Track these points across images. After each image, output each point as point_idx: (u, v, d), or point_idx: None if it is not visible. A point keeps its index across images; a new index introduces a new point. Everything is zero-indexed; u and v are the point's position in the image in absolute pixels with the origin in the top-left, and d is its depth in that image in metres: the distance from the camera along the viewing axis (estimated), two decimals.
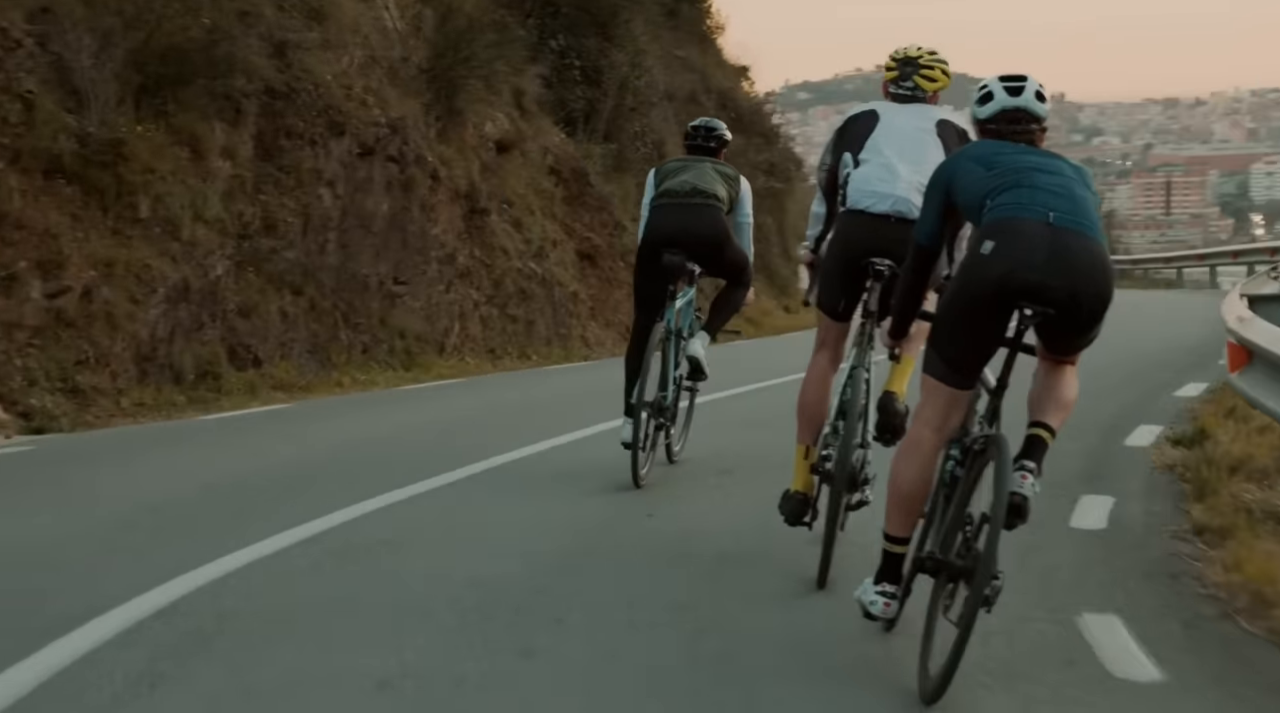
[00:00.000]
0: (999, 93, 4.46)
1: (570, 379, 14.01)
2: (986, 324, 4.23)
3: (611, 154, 19.37)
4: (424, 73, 15.75)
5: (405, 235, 14.75)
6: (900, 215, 5.24)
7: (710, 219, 7.17)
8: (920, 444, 4.41)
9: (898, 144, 5.38)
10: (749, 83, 31.49)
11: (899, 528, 4.43)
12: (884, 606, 4.44)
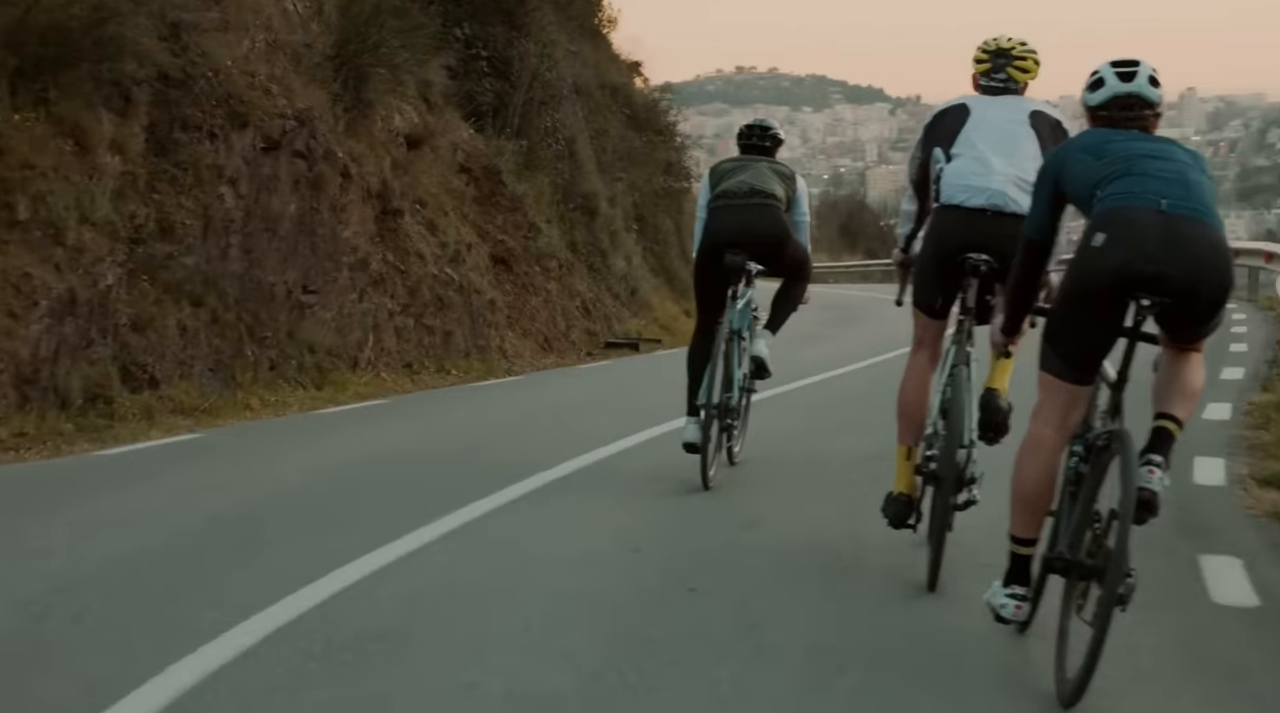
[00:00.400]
0: (1110, 79, 4.36)
1: (530, 396, 12.71)
2: (1103, 317, 4.13)
3: (523, 151, 17.95)
4: (329, 60, 14.18)
5: (315, 239, 13.18)
6: (997, 209, 5.15)
7: (770, 218, 7.13)
8: (1042, 443, 4.29)
9: (991, 137, 5.24)
10: (642, 79, 30.31)
11: (1025, 529, 4.33)
12: (1015, 608, 4.35)
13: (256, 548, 5.93)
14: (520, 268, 17.04)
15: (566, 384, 13.79)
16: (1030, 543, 4.35)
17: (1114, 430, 4.13)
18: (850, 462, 7.75)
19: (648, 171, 24.94)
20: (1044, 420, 4.31)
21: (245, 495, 7.26)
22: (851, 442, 8.55)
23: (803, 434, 9.29)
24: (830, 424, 9.90)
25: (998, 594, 4.42)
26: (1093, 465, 4.20)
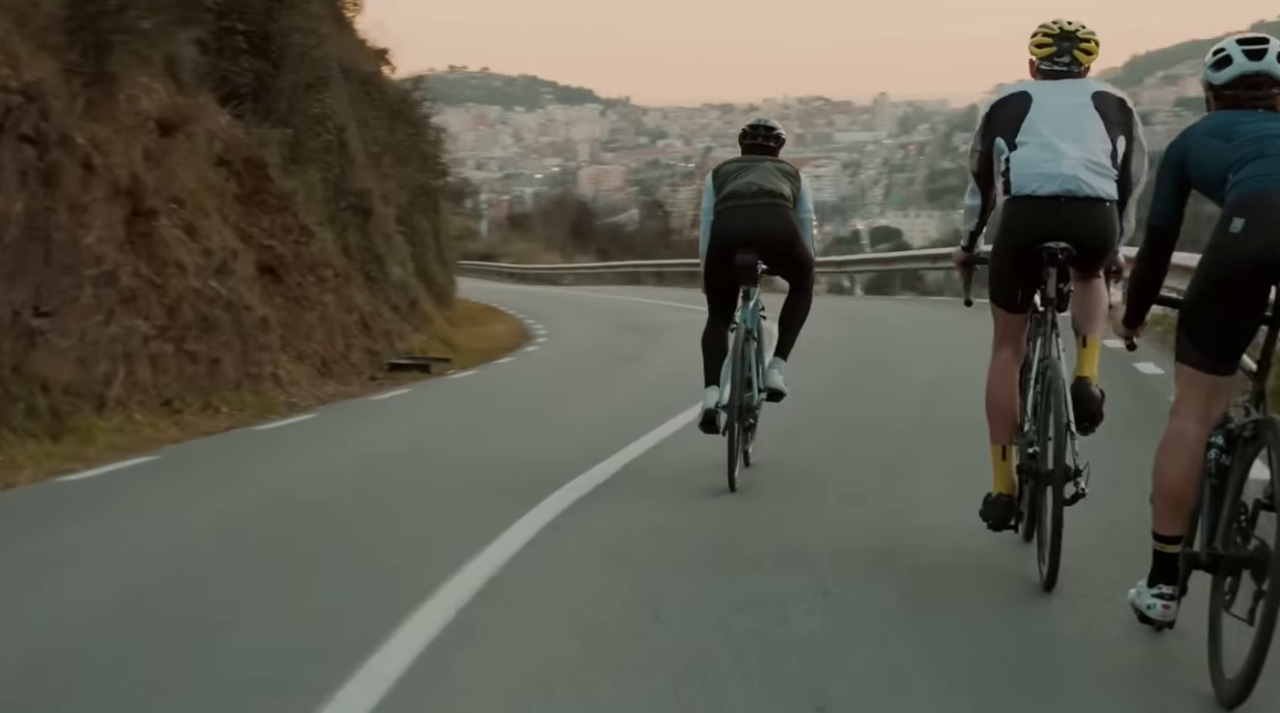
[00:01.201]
0: (1238, 57, 4.26)
1: (339, 451, 9.76)
2: (1244, 305, 4.02)
3: (289, 141, 15.04)
4: (62, 22, 11.07)
5: (49, 247, 10.09)
6: (1070, 194, 5.04)
7: (781, 218, 7.09)
8: (1184, 437, 4.17)
9: (1056, 123, 5.13)
10: (390, 67, 27.43)
11: (1170, 526, 4.19)
12: (1163, 608, 4.21)
13: None
14: (292, 278, 14.15)
15: (377, 428, 10.99)
16: (1176, 540, 4.20)
17: (1261, 420, 3.97)
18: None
19: (412, 168, 22.23)
20: (1185, 414, 4.18)
21: None
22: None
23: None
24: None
25: (1144, 595, 4.28)
26: (1239, 457, 4.04)
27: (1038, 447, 5.07)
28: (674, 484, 7.20)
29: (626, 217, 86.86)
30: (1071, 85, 5.29)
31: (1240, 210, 3.96)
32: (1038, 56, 5.39)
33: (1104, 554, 5.27)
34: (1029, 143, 5.14)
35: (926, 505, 6.55)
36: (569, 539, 6.09)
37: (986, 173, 5.35)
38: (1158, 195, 4.32)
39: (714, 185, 7.30)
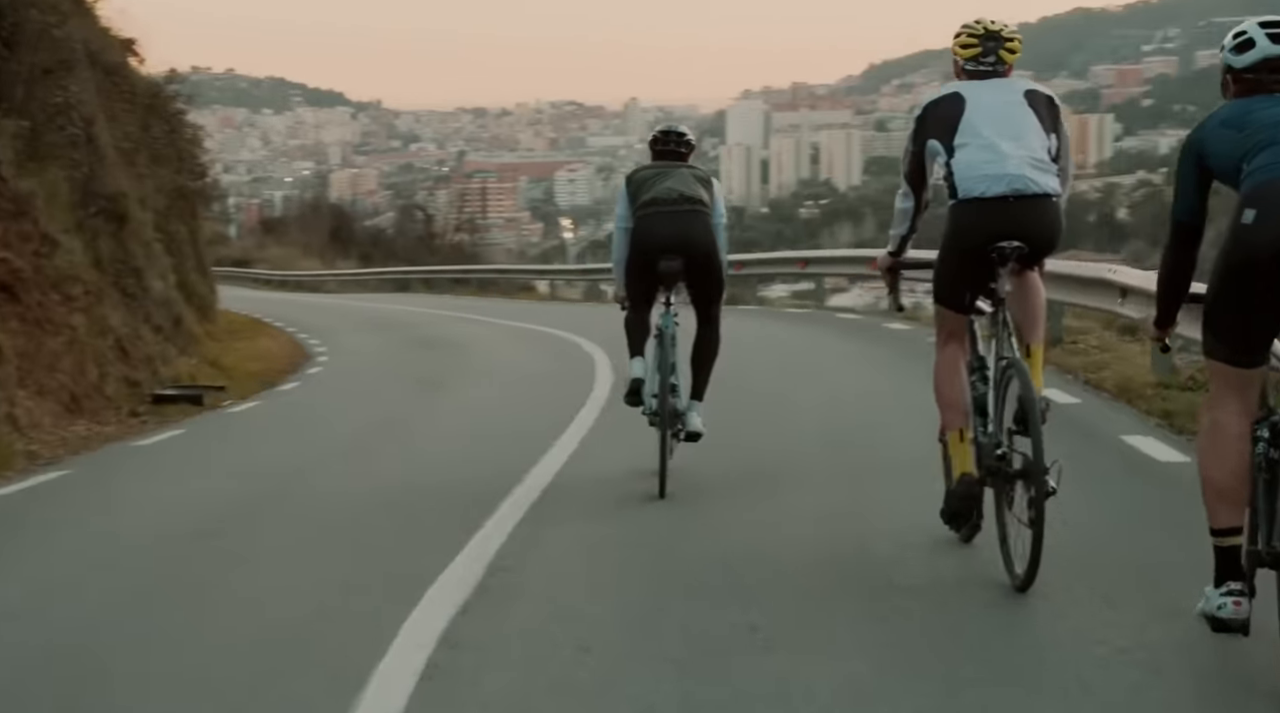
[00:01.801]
0: (1261, 39, 4.16)
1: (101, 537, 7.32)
2: (1266, 297, 3.93)
3: (26, 135, 12.49)
4: None
5: None
6: (1019, 193, 5.02)
7: (703, 225, 7.07)
8: (1223, 430, 4.04)
9: (994, 123, 5.12)
10: (138, 58, 24.57)
11: (1225, 520, 4.03)
12: (1234, 606, 3.98)
13: None
14: (32, 297, 11.61)
15: (165, 487, 8.61)
16: (1235, 532, 4.00)
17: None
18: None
19: (169, 168, 19.62)
20: (1219, 408, 4.08)
21: None
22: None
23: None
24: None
25: (1212, 599, 4.06)
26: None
27: (1005, 447, 4.99)
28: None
29: (384, 219, 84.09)
30: (1002, 84, 5.29)
31: (1252, 201, 3.90)
32: (963, 57, 5.35)
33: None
34: (970, 144, 5.10)
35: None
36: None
37: (919, 175, 5.34)
38: (1180, 189, 4.23)
39: (628, 192, 7.20)
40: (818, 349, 14.86)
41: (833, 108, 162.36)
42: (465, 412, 11.18)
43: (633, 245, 7.13)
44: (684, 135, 7.47)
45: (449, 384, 13.18)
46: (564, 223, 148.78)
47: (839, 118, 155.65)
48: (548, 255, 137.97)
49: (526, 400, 11.69)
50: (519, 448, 8.60)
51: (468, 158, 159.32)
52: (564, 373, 13.36)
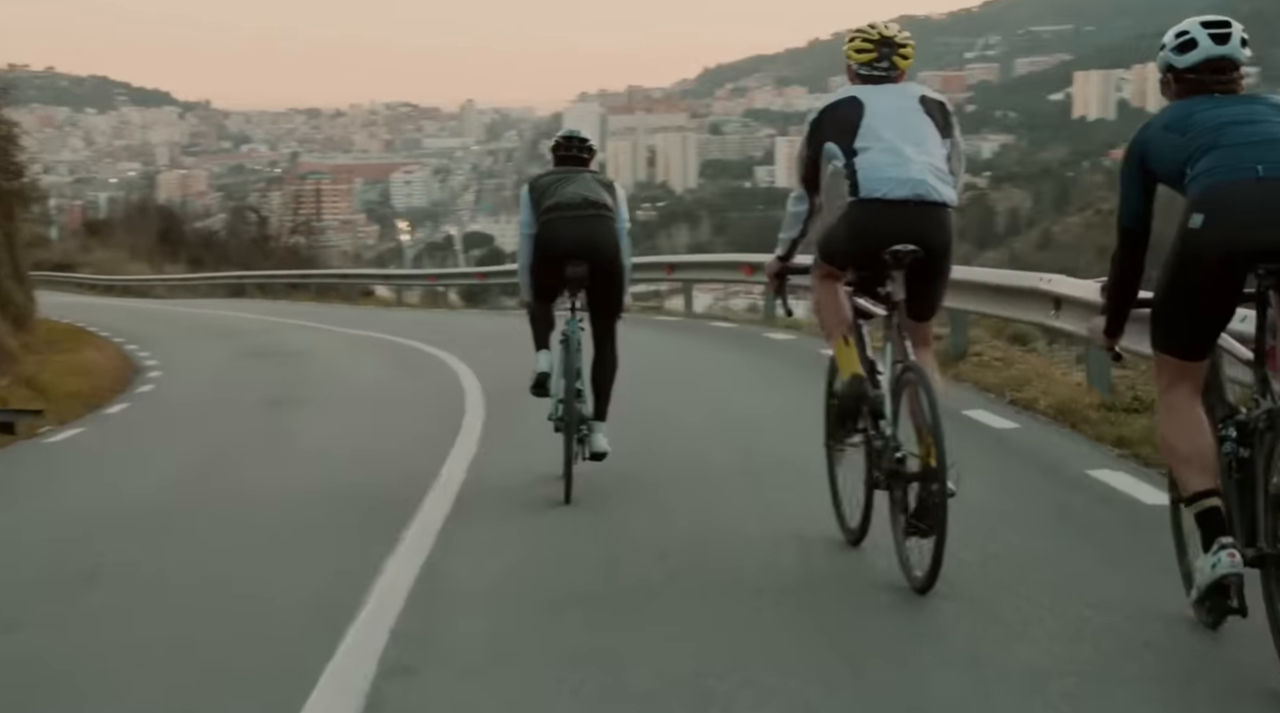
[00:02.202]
0: (1204, 40, 4.14)
1: None
2: (1215, 300, 3.96)
3: None
4: None
5: None
6: (920, 198, 5.02)
7: (607, 230, 7.02)
8: (1178, 407, 4.09)
9: (894, 127, 5.11)
10: None
11: (1200, 484, 3.99)
12: (1229, 558, 3.88)
13: None
14: None
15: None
16: (1210, 493, 3.96)
17: (1275, 409, 3.87)
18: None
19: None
20: (1174, 393, 4.08)
21: None
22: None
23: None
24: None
25: (1206, 564, 3.93)
26: (1257, 448, 3.90)
27: (904, 450, 4.98)
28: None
29: (215, 221, 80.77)
30: (897, 90, 5.28)
31: (1199, 205, 3.90)
32: (858, 61, 5.32)
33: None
34: (872, 148, 5.08)
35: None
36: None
37: (813, 179, 5.30)
38: (1125, 195, 4.21)
39: (531, 198, 7.14)
40: (705, 362, 13.77)
41: (668, 111, 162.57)
42: (326, 439, 9.78)
43: (537, 250, 7.08)
44: (586, 141, 7.43)
45: (301, 404, 11.72)
46: (401, 225, 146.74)
47: (675, 121, 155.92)
48: (384, 258, 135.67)
49: (394, 425, 10.32)
50: (400, 478, 7.75)
51: (301, 159, 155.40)
52: (428, 391, 12.02)
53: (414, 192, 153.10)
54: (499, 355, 14.57)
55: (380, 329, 20.01)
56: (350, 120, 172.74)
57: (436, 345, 15.77)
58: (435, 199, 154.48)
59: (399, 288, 33.10)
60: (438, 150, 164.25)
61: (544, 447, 7.39)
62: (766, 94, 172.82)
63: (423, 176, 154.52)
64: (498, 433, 9.14)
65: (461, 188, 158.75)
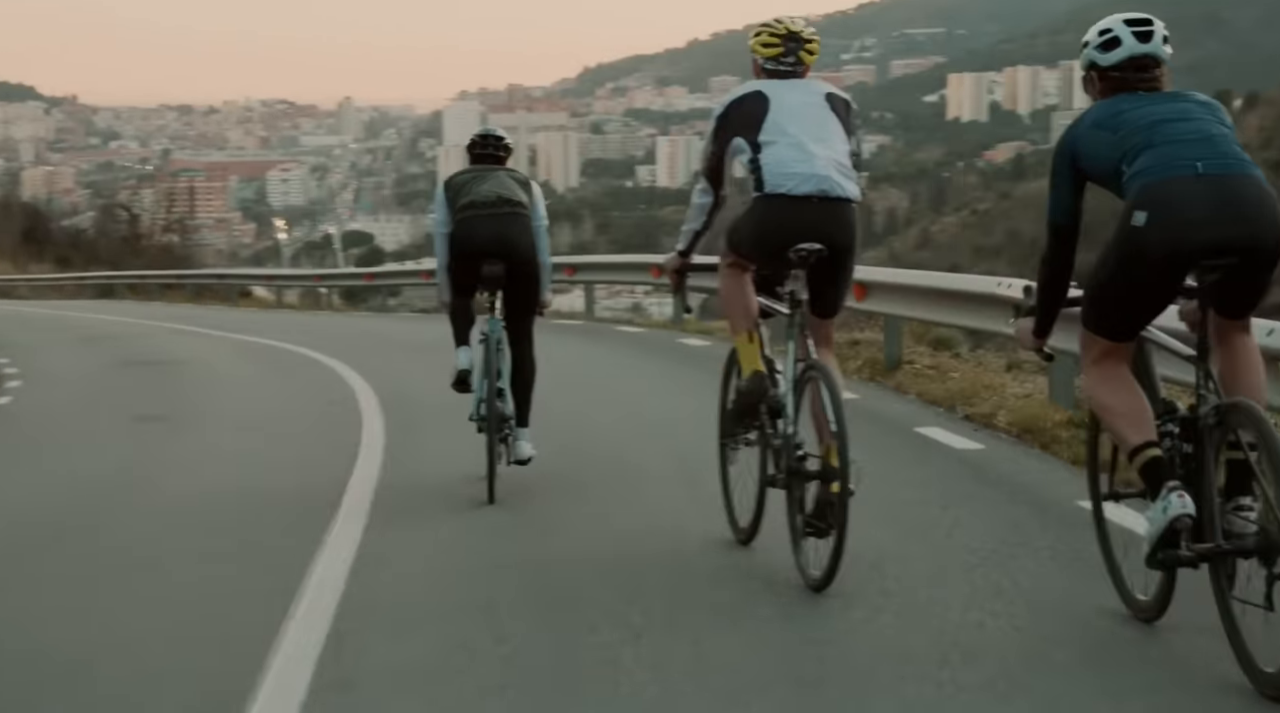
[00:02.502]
0: (1128, 38, 4.13)
1: None
2: (1155, 296, 4.01)
3: None
4: None
5: None
6: (824, 194, 4.96)
7: (522, 226, 6.91)
8: (1106, 371, 4.12)
9: (800, 123, 5.04)
10: None
11: (1140, 436, 3.99)
12: (1179, 498, 3.84)
13: None
14: None
15: None
16: (1151, 444, 3.96)
17: (1226, 405, 3.86)
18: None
19: None
20: (1103, 361, 4.13)
21: None
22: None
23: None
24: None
25: (1156, 511, 3.87)
26: (1208, 445, 3.88)
27: (804, 449, 4.97)
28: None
29: (83, 219, 77.82)
30: (803, 85, 5.20)
31: (1142, 203, 3.87)
32: (764, 56, 5.24)
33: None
34: (777, 142, 5.01)
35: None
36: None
37: (718, 173, 5.26)
38: (1055, 192, 4.21)
39: (446, 197, 7.04)
40: (617, 369, 12.83)
41: (549, 110, 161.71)
42: (212, 459, 8.63)
43: (454, 248, 6.98)
44: (502, 139, 7.28)
45: (182, 420, 10.49)
46: (278, 224, 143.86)
47: (555, 120, 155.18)
48: (261, 257, 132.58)
49: (289, 441, 9.21)
50: (304, 496, 6.91)
51: (174, 156, 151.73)
52: (322, 402, 10.89)
53: (291, 190, 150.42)
54: (390, 363, 13.49)
55: (263, 334, 18.68)
56: (224, 117, 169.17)
57: (324, 351, 14.61)
58: (313, 197, 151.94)
59: (279, 289, 31.58)
60: (315, 148, 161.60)
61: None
62: (647, 94, 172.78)
63: (300, 175, 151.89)
64: (403, 444, 8.40)
65: (340, 186, 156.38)
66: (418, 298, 33.82)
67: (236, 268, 51.95)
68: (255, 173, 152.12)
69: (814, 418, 4.91)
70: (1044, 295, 4.35)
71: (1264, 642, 3.69)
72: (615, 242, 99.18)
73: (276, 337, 17.79)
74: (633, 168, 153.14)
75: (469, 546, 5.88)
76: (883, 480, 6.16)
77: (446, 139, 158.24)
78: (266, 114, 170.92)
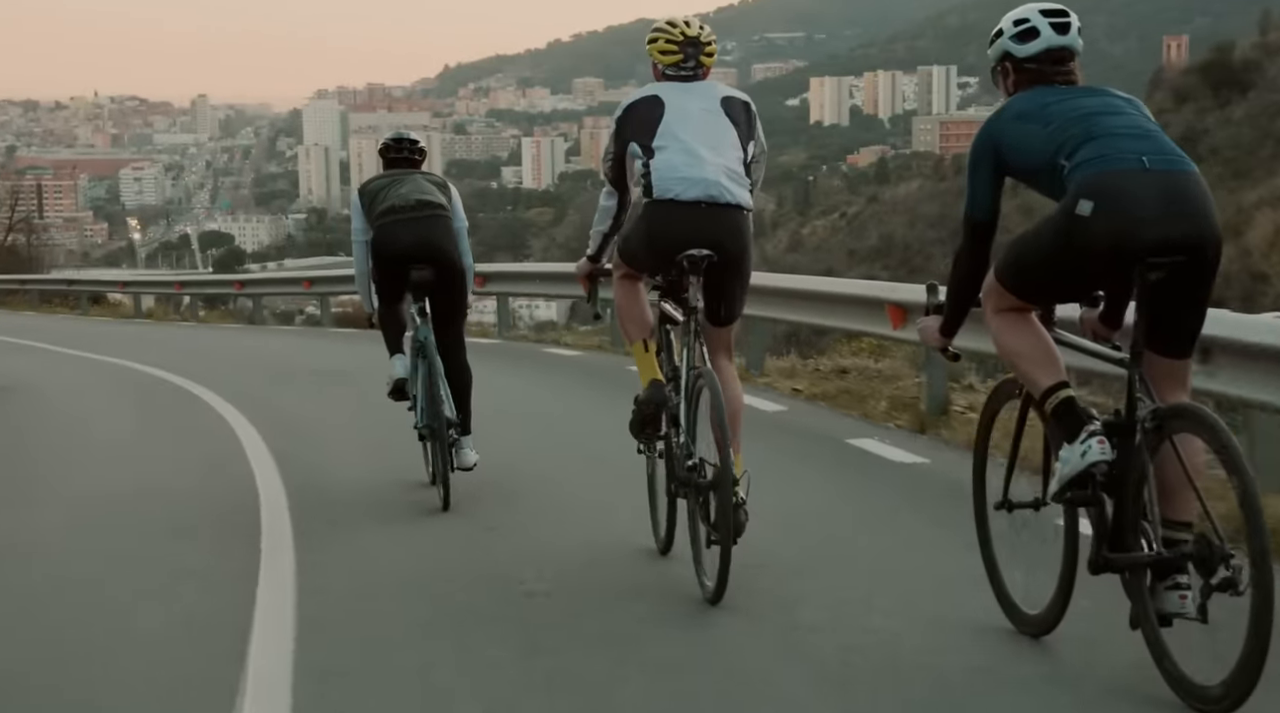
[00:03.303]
0: (1045, 29, 3.94)
1: None
2: (1096, 285, 3.89)
3: None
4: None
5: None
6: (712, 200, 4.88)
7: (444, 229, 6.68)
8: (1010, 317, 3.96)
9: (692, 128, 4.96)
10: None
11: (1050, 378, 3.84)
12: (1099, 444, 3.69)
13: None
14: None
15: None
16: (1064, 385, 3.82)
17: (1170, 408, 3.65)
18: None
19: None
20: (1006, 309, 3.97)
21: None
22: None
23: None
24: None
25: (1072, 454, 3.71)
26: (1143, 449, 3.66)
27: (697, 457, 4.82)
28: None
29: None
30: (700, 89, 5.04)
31: (1088, 192, 3.64)
32: (664, 63, 5.09)
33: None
34: (668, 147, 4.92)
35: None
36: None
37: (620, 176, 5.12)
38: (973, 187, 3.98)
39: (362, 204, 6.75)
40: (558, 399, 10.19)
41: (410, 109, 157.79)
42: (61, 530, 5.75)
43: (376, 255, 6.68)
44: (416, 142, 7.06)
45: (17, 474, 7.52)
46: (132, 223, 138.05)
47: (418, 120, 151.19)
48: (115, 257, 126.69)
49: (142, 572, 6.32)
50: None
51: (19, 153, 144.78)
52: (198, 475, 7.96)
53: (145, 189, 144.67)
54: (280, 393, 10.68)
55: (116, 352, 15.57)
56: (73, 113, 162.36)
57: (192, 378, 11.65)
58: (168, 197, 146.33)
59: (135, 295, 27.97)
60: (169, 146, 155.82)
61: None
62: (509, 94, 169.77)
63: (154, 173, 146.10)
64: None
65: (196, 186, 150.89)
66: (282, 305, 30.67)
67: (89, 272, 47.93)
68: (107, 171, 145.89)
69: (712, 427, 4.71)
70: (956, 293, 4.11)
71: (1197, 655, 3.50)
72: (482, 242, 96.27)
73: (134, 356, 14.65)
74: (498, 168, 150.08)
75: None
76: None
77: (306, 138, 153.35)
78: (117, 111, 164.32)
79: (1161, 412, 3.64)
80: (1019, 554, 4.17)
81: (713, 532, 4.63)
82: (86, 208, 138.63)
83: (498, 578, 5.02)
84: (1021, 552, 4.16)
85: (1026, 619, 4.12)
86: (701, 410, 4.83)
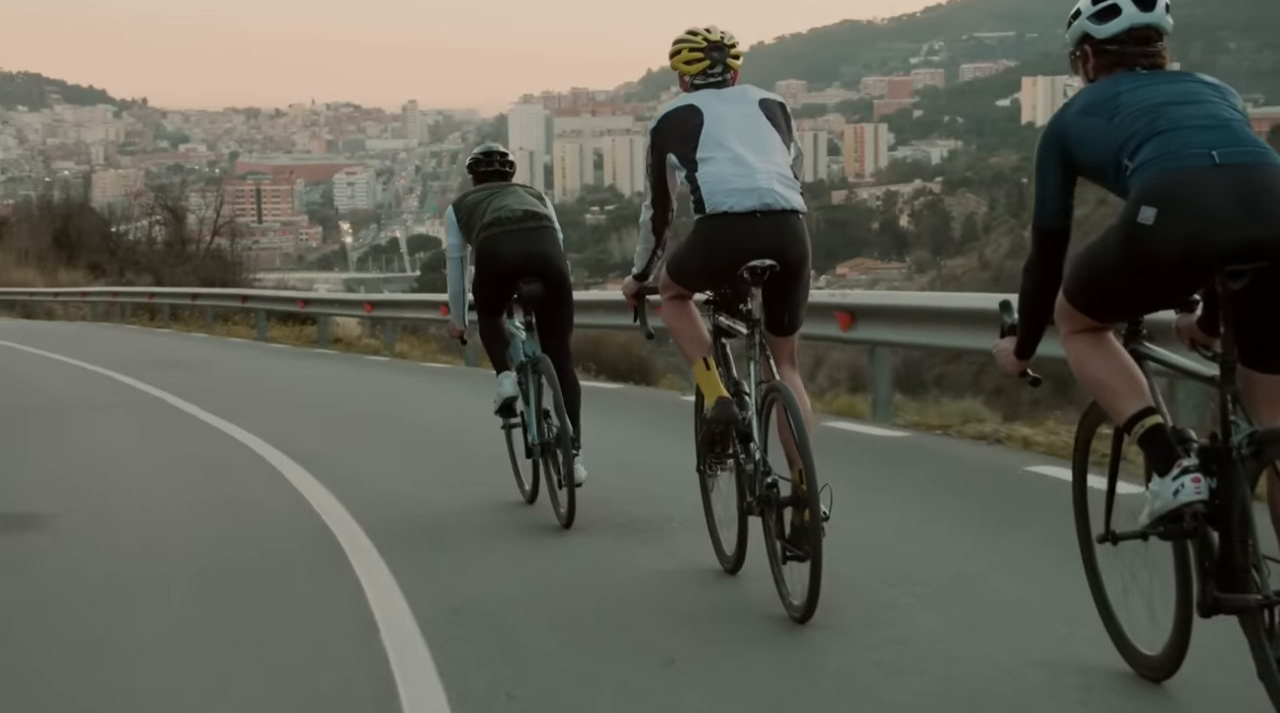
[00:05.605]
0: (1127, 6, 3.43)
1: None
2: (1169, 298, 3.38)
3: None
4: None
5: None
6: (768, 208, 4.62)
7: (552, 240, 6.39)
8: (1092, 340, 3.45)
9: (735, 135, 4.71)
10: None
11: (1137, 405, 3.36)
12: (1194, 482, 3.20)
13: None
14: None
15: None
16: (1150, 411, 3.33)
17: (1269, 432, 3.11)
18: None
19: None
20: (1083, 330, 3.47)
21: None
22: None
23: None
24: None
25: (1163, 488, 3.22)
26: (1238, 478, 3.17)
27: (774, 475, 4.56)
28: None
29: (142, 224, 71.42)
30: (735, 94, 4.82)
31: (1150, 198, 3.18)
32: (691, 73, 4.86)
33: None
34: (715, 158, 4.66)
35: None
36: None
37: (662, 188, 4.87)
38: (1041, 191, 3.48)
39: (458, 218, 6.49)
40: None
41: (613, 113, 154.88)
42: None
43: (482, 268, 6.29)
44: (506, 154, 6.75)
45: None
46: (344, 227, 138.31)
47: (620, 123, 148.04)
48: (328, 260, 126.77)
49: None
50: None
51: (240, 159, 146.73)
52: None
53: (357, 193, 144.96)
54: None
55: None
56: (290, 120, 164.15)
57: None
58: (378, 201, 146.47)
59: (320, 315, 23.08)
60: (380, 152, 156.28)
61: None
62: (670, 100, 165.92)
63: (366, 178, 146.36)
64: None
65: (405, 190, 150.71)
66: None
67: (296, 272, 44.84)
68: (321, 176, 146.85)
69: (783, 441, 4.47)
70: (1027, 311, 3.62)
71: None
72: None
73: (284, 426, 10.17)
74: None
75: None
76: None
77: (512, 142, 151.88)
78: (332, 118, 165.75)
79: (1259, 436, 3.15)
80: (1131, 589, 3.63)
81: (789, 548, 4.38)
82: (302, 212, 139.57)
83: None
84: (1133, 587, 3.62)
85: (1144, 661, 3.60)
86: (773, 425, 4.55)
